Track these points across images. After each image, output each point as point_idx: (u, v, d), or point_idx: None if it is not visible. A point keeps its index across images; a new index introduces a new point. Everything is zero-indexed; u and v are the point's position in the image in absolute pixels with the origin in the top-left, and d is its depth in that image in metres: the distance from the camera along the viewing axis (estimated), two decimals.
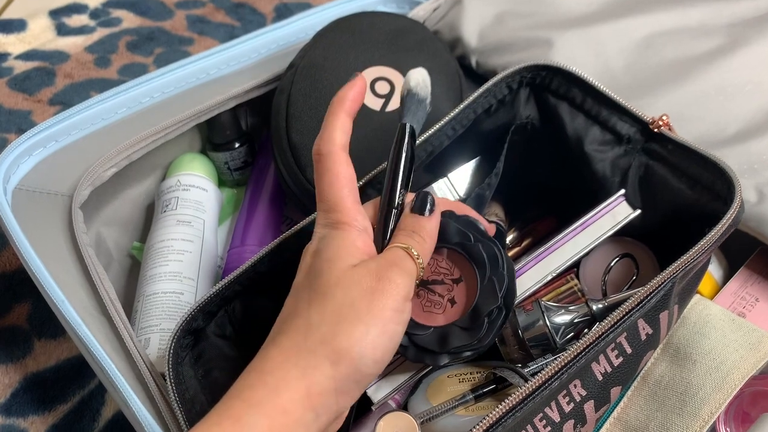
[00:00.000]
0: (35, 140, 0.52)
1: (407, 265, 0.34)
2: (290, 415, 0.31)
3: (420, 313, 0.38)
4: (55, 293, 0.45)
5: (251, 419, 0.30)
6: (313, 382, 0.31)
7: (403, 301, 0.33)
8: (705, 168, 0.43)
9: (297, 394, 0.31)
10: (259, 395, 0.31)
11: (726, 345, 0.44)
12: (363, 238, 0.36)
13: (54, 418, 0.54)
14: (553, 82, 0.48)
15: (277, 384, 0.31)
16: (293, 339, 0.33)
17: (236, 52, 0.61)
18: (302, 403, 0.31)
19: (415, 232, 0.36)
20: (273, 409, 0.30)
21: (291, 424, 0.31)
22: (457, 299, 0.38)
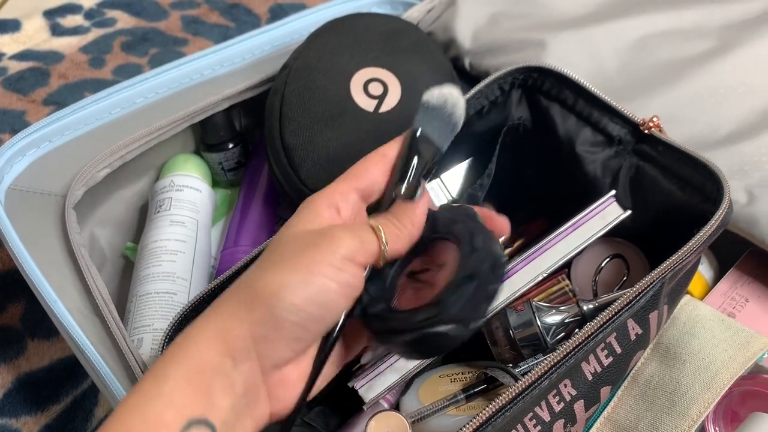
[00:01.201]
0: (29, 140, 0.53)
1: (363, 235, 0.33)
2: (206, 361, 0.30)
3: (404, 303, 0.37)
4: (47, 293, 0.45)
5: (170, 369, 0.30)
6: (228, 327, 0.30)
7: (342, 260, 0.32)
8: (695, 169, 0.43)
9: (211, 341, 0.30)
10: (180, 345, 0.30)
11: (715, 345, 0.44)
12: (331, 213, 0.34)
13: (47, 418, 0.54)
14: (545, 84, 0.48)
15: (195, 333, 0.31)
16: (226, 293, 0.32)
17: (230, 53, 0.61)
18: (217, 348, 0.30)
19: (392, 215, 0.35)
20: (187, 358, 0.30)
21: (207, 371, 0.30)
22: (438, 283, 0.36)
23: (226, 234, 0.59)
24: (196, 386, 0.29)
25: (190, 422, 0.28)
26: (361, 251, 0.32)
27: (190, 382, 0.29)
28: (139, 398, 0.29)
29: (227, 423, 0.30)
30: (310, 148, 0.52)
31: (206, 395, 0.29)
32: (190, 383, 0.29)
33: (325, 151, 0.52)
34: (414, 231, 0.36)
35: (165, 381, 0.29)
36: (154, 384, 0.29)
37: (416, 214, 0.36)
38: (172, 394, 0.29)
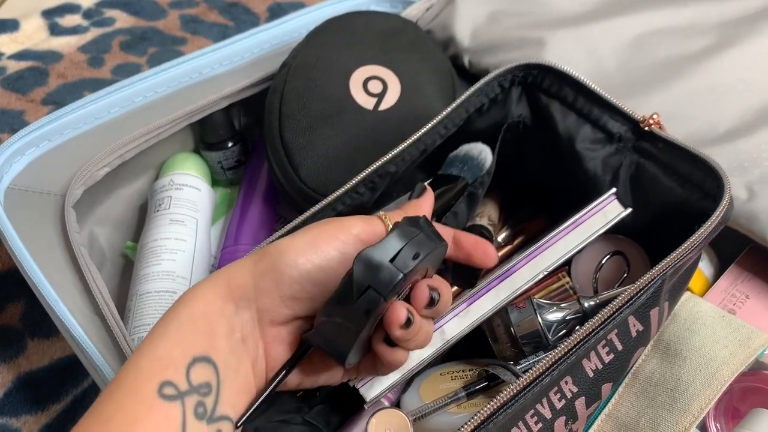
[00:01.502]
0: (28, 140, 0.52)
1: (371, 220, 0.36)
2: (210, 303, 0.33)
3: None
4: (48, 293, 0.45)
5: (175, 312, 0.32)
6: (234, 275, 0.34)
7: (344, 231, 0.35)
8: (695, 166, 0.43)
9: (217, 285, 0.33)
10: (186, 292, 0.33)
11: (716, 341, 0.44)
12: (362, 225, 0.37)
13: (47, 417, 0.54)
14: (545, 81, 0.48)
15: (204, 281, 0.34)
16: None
17: (229, 51, 0.61)
18: (221, 292, 0.33)
19: (400, 210, 0.39)
20: (194, 299, 0.33)
21: (211, 313, 0.32)
22: None
23: (226, 233, 0.59)
24: (201, 327, 0.32)
25: (194, 359, 0.31)
26: (366, 231, 0.36)
27: (195, 322, 0.32)
28: (149, 340, 0.32)
29: (228, 364, 0.33)
30: (310, 147, 0.52)
31: (209, 336, 0.32)
32: (195, 324, 0.32)
33: (325, 150, 0.52)
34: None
35: (171, 322, 0.32)
36: (162, 326, 0.32)
37: (420, 209, 0.40)
38: (178, 332, 0.32)
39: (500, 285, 0.44)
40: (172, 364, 0.31)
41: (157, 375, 0.30)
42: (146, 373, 0.30)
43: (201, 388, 0.31)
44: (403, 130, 0.48)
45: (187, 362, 0.31)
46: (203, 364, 0.31)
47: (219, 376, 0.32)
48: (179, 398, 0.30)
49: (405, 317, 0.32)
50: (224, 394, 0.32)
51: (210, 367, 0.32)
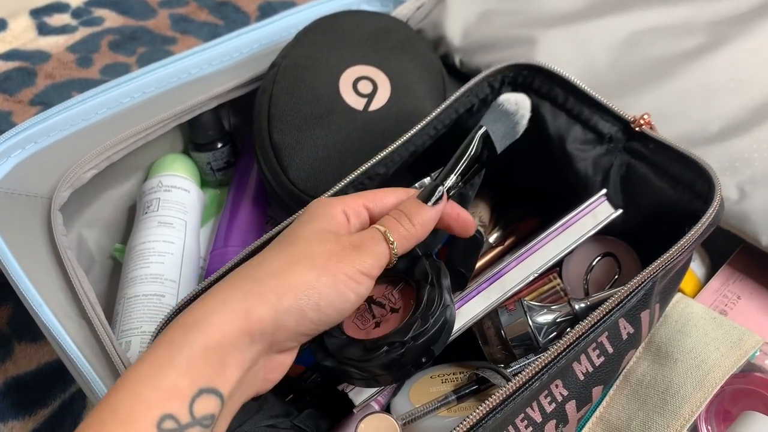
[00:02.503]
0: (14, 141, 0.52)
1: (378, 248, 0.35)
2: (225, 335, 0.31)
3: (348, 323, 0.38)
4: (32, 297, 0.45)
5: (185, 338, 0.30)
6: (254, 307, 0.31)
7: (360, 274, 0.34)
8: (686, 167, 0.43)
9: (235, 315, 0.31)
10: (197, 317, 0.31)
11: (707, 343, 0.44)
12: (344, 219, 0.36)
13: (34, 422, 0.53)
14: (535, 81, 0.48)
15: (216, 306, 0.32)
16: (242, 272, 0.34)
17: (218, 51, 0.60)
18: (239, 325, 0.31)
19: (406, 216, 0.37)
20: (209, 328, 0.31)
21: (226, 344, 0.31)
22: (383, 325, 0.38)
23: (216, 234, 0.58)
24: (213, 357, 0.30)
25: (200, 390, 0.30)
26: (376, 266, 0.35)
27: (209, 353, 0.30)
28: (152, 367, 0.30)
29: (233, 395, 0.32)
30: (299, 147, 0.52)
31: (220, 368, 0.30)
32: (208, 354, 0.30)
33: (314, 150, 0.52)
34: (422, 234, 0.37)
35: (182, 349, 0.30)
36: (168, 352, 0.30)
37: (429, 218, 0.37)
38: (189, 363, 0.30)
39: (491, 287, 0.43)
40: (177, 396, 0.29)
41: (158, 407, 0.29)
42: (146, 404, 0.28)
43: (204, 420, 0.30)
44: (393, 130, 0.48)
45: (192, 394, 0.29)
46: (209, 395, 0.30)
47: (223, 407, 0.31)
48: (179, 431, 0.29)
49: None
50: (221, 423, 0.32)
51: (216, 398, 0.30)
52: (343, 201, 0.37)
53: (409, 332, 0.36)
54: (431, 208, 0.37)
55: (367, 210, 0.38)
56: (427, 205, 0.37)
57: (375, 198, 0.38)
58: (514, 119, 0.41)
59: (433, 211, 0.37)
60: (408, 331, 0.36)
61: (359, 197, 0.38)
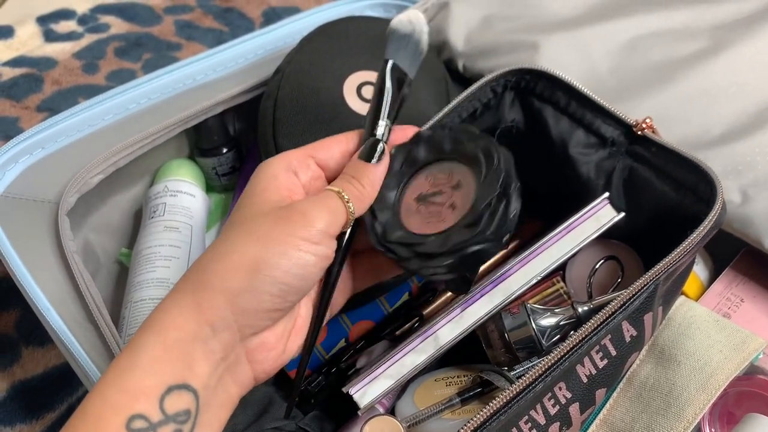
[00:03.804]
0: (21, 147, 0.52)
1: (331, 203, 0.34)
2: (181, 330, 0.30)
3: (423, 225, 0.37)
4: (40, 301, 0.45)
5: (144, 340, 0.30)
6: (203, 297, 0.31)
7: (318, 234, 0.33)
8: (688, 170, 0.43)
9: (187, 309, 0.31)
10: (153, 318, 0.31)
11: (710, 346, 0.44)
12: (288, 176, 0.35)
13: (42, 426, 0.53)
14: (538, 86, 0.48)
15: (169, 305, 0.31)
16: (194, 265, 0.33)
17: (223, 57, 0.61)
18: (194, 317, 0.31)
19: (354, 178, 0.36)
20: (164, 328, 0.30)
21: (186, 339, 0.30)
22: (457, 203, 0.37)
23: None
24: (175, 354, 0.30)
25: (170, 387, 0.29)
26: (333, 223, 0.34)
27: (168, 350, 0.30)
28: (116, 372, 0.30)
29: (208, 387, 0.31)
30: None
31: (186, 362, 0.30)
32: (167, 352, 0.30)
33: None
34: (373, 193, 0.37)
35: (141, 352, 0.30)
36: (129, 356, 0.30)
37: (376, 175, 0.37)
38: (151, 363, 0.30)
39: (494, 290, 0.43)
40: (143, 396, 0.29)
41: (125, 408, 0.28)
42: (113, 406, 0.29)
43: (178, 416, 0.29)
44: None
45: (161, 392, 0.29)
46: (180, 391, 0.30)
47: (199, 401, 0.30)
48: (151, 430, 0.29)
49: None
50: (203, 416, 0.31)
51: (188, 393, 0.30)
52: (286, 156, 0.36)
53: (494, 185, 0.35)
54: (377, 166, 0.37)
55: (314, 159, 0.37)
56: (373, 164, 0.37)
57: (320, 147, 0.37)
58: (413, 39, 0.40)
59: (379, 169, 0.37)
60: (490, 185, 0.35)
61: (303, 149, 0.37)
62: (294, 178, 0.36)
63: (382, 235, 0.36)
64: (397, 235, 0.36)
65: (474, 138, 0.38)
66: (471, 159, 0.37)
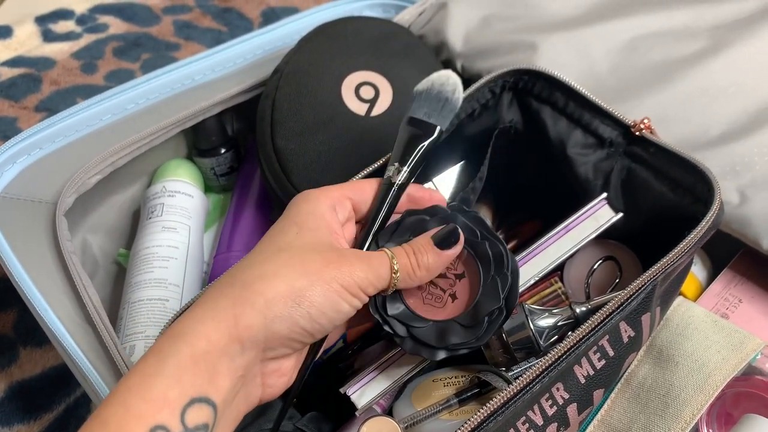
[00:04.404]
0: (19, 148, 0.52)
1: (380, 269, 0.35)
2: (214, 342, 0.30)
3: (420, 305, 0.38)
4: (38, 302, 0.45)
5: (173, 348, 0.30)
6: (243, 313, 0.31)
7: (356, 287, 0.33)
8: (686, 171, 0.43)
9: (223, 323, 0.30)
10: (185, 324, 0.31)
11: (708, 346, 0.44)
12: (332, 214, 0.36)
13: (39, 426, 0.53)
14: (536, 86, 0.48)
15: (203, 313, 0.31)
16: (231, 275, 0.33)
17: (221, 57, 0.61)
18: (228, 332, 0.30)
19: (417, 254, 0.36)
20: (195, 337, 0.30)
21: (214, 352, 0.30)
22: (459, 295, 0.38)
23: (219, 239, 0.59)
24: (202, 366, 0.30)
25: (192, 400, 0.29)
26: (373, 285, 0.34)
27: (197, 362, 0.30)
28: (141, 378, 0.29)
29: (226, 402, 0.31)
30: (302, 153, 0.52)
31: (210, 375, 0.30)
32: (196, 363, 0.30)
33: (317, 156, 0.52)
34: (426, 278, 0.37)
35: (169, 359, 0.29)
36: (156, 362, 0.29)
37: (439, 264, 0.37)
38: (177, 372, 0.29)
39: None
40: (167, 407, 0.28)
41: (149, 418, 0.28)
42: (136, 415, 0.28)
43: (197, 429, 0.29)
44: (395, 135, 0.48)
45: (183, 404, 0.29)
46: (201, 404, 0.30)
47: (216, 416, 0.30)
48: None
49: None
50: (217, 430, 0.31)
51: (208, 407, 0.30)
52: (329, 194, 0.36)
53: (498, 294, 0.37)
54: (441, 255, 0.37)
55: (351, 201, 0.38)
56: (441, 252, 0.36)
57: (355, 188, 0.38)
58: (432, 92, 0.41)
59: (443, 259, 0.37)
60: (495, 293, 0.37)
61: (341, 188, 0.37)
62: (337, 218, 0.36)
63: (382, 306, 0.37)
64: (396, 310, 0.38)
65: (488, 236, 0.38)
66: (481, 256, 0.38)
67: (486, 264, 0.38)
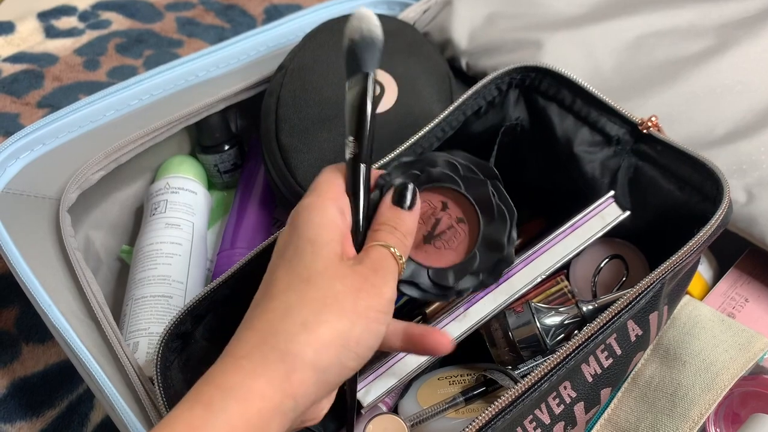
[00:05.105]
0: (22, 143, 0.52)
1: (391, 268, 0.34)
2: (267, 400, 0.29)
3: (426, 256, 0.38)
4: (41, 298, 0.45)
5: (223, 404, 0.28)
6: (294, 368, 0.29)
7: (388, 304, 0.33)
8: (694, 169, 0.43)
9: (276, 380, 0.29)
10: (234, 380, 0.29)
11: (716, 346, 0.44)
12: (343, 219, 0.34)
13: (42, 423, 0.53)
14: (543, 84, 0.48)
15: (254, 368, 0.29)
16: (270, 321, 0.31)
17: (225, 54, 0.60)
18: (281, 388, 0.29)
19: (396, 229, 0.35)
20: (249, 393, 0.29)
21: (268, 411, 0.29)
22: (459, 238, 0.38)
23: (223, 236, 0.58)
24: (254, 424, 0.28)
25: None
26: (395, 288, 0.34)
27: (249, 420, 0.28)
28: (186, 428, 0.28)
29: None
30: (306, 150, 0.52)
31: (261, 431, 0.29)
32: (247, 421, 0.28)
33: (322, 153, 0.52)
34: (411, 242, 0.36)
35: (219, 414, 0.28)
36: (204, 415, 0.28)
37: (412, 223, 0.36)
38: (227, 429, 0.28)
39: (498, 289, 0.43)
40: None
41: None
42: None
43: None
44: (400, 133, 0.48)
45: None
46: None
47: None
48: None
49: None
50: None
51: None
52: (333, 198, 0.34)
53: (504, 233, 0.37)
54: (411, 213, 0.36)
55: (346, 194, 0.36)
56: (406, 211, 0.36)
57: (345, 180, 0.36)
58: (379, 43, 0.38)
59: (414, 215, 0.36)
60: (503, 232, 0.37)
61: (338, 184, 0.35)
62: (346, 221, 0.35)
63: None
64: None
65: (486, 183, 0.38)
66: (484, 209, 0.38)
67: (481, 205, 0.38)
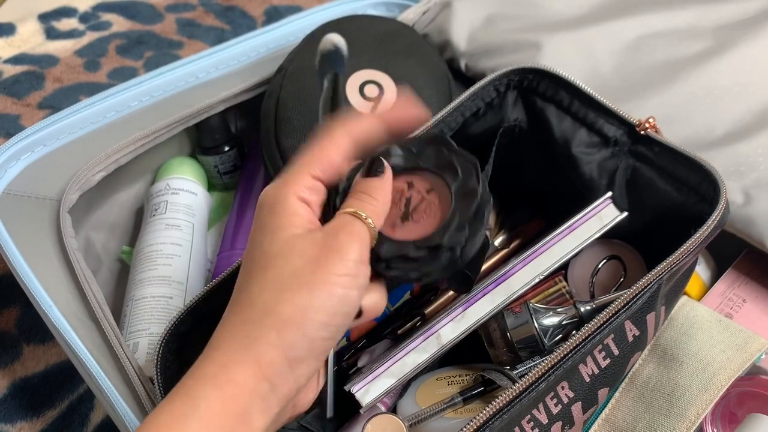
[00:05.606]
0: (23, 144, 0.52)
1: (356, 229, 0.33)
2: (242, 386, 0.30)
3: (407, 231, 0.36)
4: (42, 298, 0.45)
5: (202, 392, 0.29)
6: (261, 352, 0.30)
7: (354, 265, 0.32)
8: (691, 170, 0.43)
9: (246, 366, 0.30)
10: (210, 370, 0.30)
11: (713, 346, 0.44)
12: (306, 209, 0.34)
13: (42, 423, 0.53)
14: (541, 85, 0.48)
15: (224, 358, 0.30)
16: (237, 313, 0.32)
17: (225, 55, 0.61)
18: (253, 373, 0.30)
19: (364, 193, 0.35)
20: (224, 381, 0.30)
21: (244, 395, 0.30)
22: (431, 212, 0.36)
23: (222, 237, 0.59)
24: (233, 410, 0.29)
25: None
26: (364, 249, 0.33)
27: (226, 405, 0.29)
28: (171, 418, 0.29)
29: None
30: None
31: (244, 417, 0.30)
32: (226, 407, 0.29)
33: None
34: (386, 205, 0.35)
35: (199, 402, 0.29)
36: (184, 404, 0.29)
37: (384, 187, 0.35)
38: (210, 416, 0.29)
39: (496, 289, 0.43)
40: None
41: None
42: None
43: None
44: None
45: None
46: None
47: None
48: None
49: None
50: None
51: None
52: (293, 185, 0.34)
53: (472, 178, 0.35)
54: (382, 179, 0.35)
55: (321, 180, 0.35)
56: (377, 178, 0.35)
57: (320, 163, 0.35)
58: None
59: (386, 180, 0.36)
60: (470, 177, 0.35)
61: (304, 170, 0.34)
62: (310, 211, 0.34)
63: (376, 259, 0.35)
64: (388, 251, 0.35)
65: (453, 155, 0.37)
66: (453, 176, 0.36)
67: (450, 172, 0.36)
